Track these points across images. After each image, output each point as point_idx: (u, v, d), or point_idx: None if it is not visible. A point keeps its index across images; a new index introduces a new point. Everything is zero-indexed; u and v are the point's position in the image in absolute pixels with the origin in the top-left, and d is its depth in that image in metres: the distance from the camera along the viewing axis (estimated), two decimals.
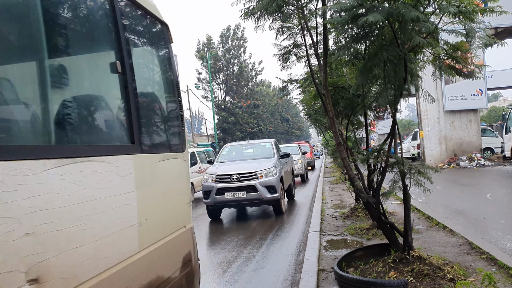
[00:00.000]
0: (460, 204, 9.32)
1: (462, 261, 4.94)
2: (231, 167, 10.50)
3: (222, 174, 10.03)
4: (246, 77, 57.11)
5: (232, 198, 9.71)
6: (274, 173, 10.01)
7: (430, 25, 3.91)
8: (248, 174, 9.89)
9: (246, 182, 9.75)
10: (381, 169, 5.08)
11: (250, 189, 9.71)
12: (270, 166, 10.19)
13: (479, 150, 20.68)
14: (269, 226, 9.17)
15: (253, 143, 12.95)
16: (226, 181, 9.86)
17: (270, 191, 9.76)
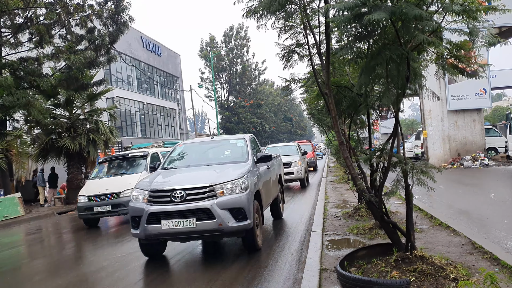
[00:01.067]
0: (463, 204, 9.29)
1: (465, 261, 4.92)
2: (176, 177, 7.09)
3: (159, 189, 6.42)
4: (249, 77, 57.15)
5: (172, 230, 6.10)
6: (243, 187, 6.42)
7: (433, 23, 3.89)
8: (200, 190, 6.25)
9: (195, 203, 6.15)
10: (384, 169, 5.06)
11: (202, 215, 6.09)
12: (238, 176, 6.53)
13: (483, 149, 20.61)
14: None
15: (219, 140, 9.03)
16: (164, 201, 6.26)
17: (237, 217, 6.21)
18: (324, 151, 58.05)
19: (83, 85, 18.34)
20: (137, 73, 39.85)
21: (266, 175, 8.16)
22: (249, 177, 6.73)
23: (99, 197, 11.41)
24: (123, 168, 13.03)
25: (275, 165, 9.69)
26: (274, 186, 9.13)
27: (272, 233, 8.37)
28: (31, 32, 16.67)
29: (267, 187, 8.09)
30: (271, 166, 8.96)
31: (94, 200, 11.42)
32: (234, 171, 6.76)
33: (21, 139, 17.96)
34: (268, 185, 8.34)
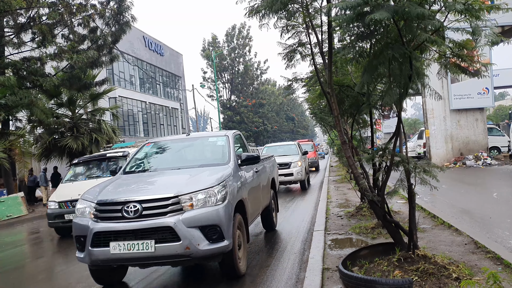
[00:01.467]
0: (466, 203, 9.28)
1: (467, 260, 4.91)
2: (134, 184, 5.60)
3: (107, 201, 4.98)
4: (251, 76, 57.15)
5: (124, 255, 4.72)
6: (219, 198, 5.00)
7: (436, 22, 3.89)
8: (161, 202, 4.80)
9: (154, 219, 4.72)
10: (386, 168, 5.06)
11: (163, 236, 4.68)
12: (213, 183, 5.09)
13: (486, 149, 20.57)
14: None
15: (196, 138, 7.43)
16: (114, 218, 4.85)
17: (210, 237, 4.80)
18: (326, 151, 57.92)
19: (86, 85, 18.38)
20: (140, 73, 39.90)
21: (253, 180, 6.74)
22: (229, 184, 5.32)
23: (71, 203, 9.93)
24: (100, 170, 11.59)
25: (267, 168, 8.24)
26: (264, 192, 7.65)
27: (264, 240, 8.35)
28: (33, 32, 16.70)
29: (254, 194, 6.69)
30: (261, 169, 7.57)
31: (65, 206, 10.09)
32: (209, 176, 5.33)
33: (24, 139, 18.03)
34: (257, 193, 6.91)
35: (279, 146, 18.75)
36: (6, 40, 16.32)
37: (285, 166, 15.16)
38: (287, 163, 15.32)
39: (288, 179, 15.32)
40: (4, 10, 14.83)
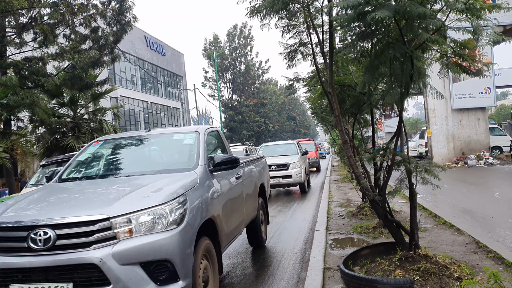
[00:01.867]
0: (468, 203, 9.27)
1: (469, 260, 4.91)
2: (53, 200, 4.17)
3: (7, 224, 3.52)
4: (252, 76, 57.13)
5: None
6: (173, 219, 3.57)
7: (437, 21, 3.88)
8: (83, 228, 3.36)
9: (73, 253, 3.31)
10: (388, 168, 5.06)
11: (85, 276, 3.29)
12: (164, 200, 3.63)
13: (487, 148, 20.54)
14: None
15: (157, 135, 5.85)
16: (17, 249, 3.43)
17: (157, 278, 3.39)
18: (327, 150, 57.87)
19: (87, 85, 18.39)
20: (141, 73, 39.94)
21: (232, 190, 5.35)
22: (190, 199, 3.87)
23: None
24: None
25: (253, 172, 6.82)
26: (249, 203, 6.23)
27: (277, 233, 8.35)
28: (35, 31, 16.71)
29: (233, 207, 5.27)
30: (245, 173, 6.21)
31: None
32: (164, 187, 3.92)
33: (26, 139, 18.06)
34: (237, 205, 5.49)
35: (277, 145, 17.69)
36: (8, 40, 16.35)
37: (283, 168, 14.22)
38: (285, 164, 14.23)
39: (286, 181, 14.20)
40: (5, 10, 14.84)
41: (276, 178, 13.89)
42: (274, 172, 13.71)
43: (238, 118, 53.86)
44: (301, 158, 15.13)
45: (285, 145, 17.27)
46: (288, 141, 18.22)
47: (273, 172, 13.41)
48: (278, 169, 13.99)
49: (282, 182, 14.34)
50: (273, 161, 13.88)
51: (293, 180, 14.17)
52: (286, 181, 14.26)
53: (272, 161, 13.41)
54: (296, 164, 14.33)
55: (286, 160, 14.45)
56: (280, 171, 14.13)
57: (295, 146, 16.46)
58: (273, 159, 14.13)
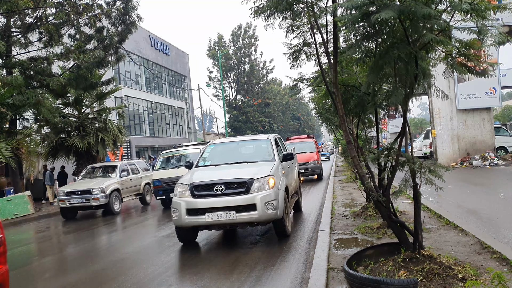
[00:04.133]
0: (472, 204, 9.23)
1: (473, 261, 4.90)
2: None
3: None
4: (257, 76, 57.18)
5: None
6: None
7: (442, 22, 3.88)
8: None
9: None
10: (392, 168, 5.05)
11: None
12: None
13: (492, 149, 20.44)
14: None
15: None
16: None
17: None
18: (331, 150, 57.51)
19: (92, 84, 18.46)
20: (146, 72, 40.03)
21: None
22: None
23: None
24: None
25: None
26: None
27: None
28: (40, 31, 16.80)
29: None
30: None
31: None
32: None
33: (31, 138, 18.14)
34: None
35: (234, 143, 9.82)
36: (14, 40, 16.43)
37: (236, 190, 7.17)
38: (242, 182, 7.21)
39: (242, 219, 7.05)
40: (11, 10, 14.93)
41: (220, 213, 7.00)
42: (218, 199, 7.11)
43: (242, 118, 53.91)
44: (279, 168, 8.05)
45: (251, 143, 9.72)
46: (261, 136, 9.78)
47: (216, 198, 7.12)
48: (224, 194, 7.14)
49: (232, 221, 7.06)
50: (217, 176, 7.53)
51: (258, 216, 7.01)
52: (242, 219, 7.05)
53: (213, 177, 7.48)
54: (266, 182, 7.24)
55: (243, 174, 7.42)
56: (228, 198, 7.12)
57: (269, 145, 8.99)
58: (218, 173, 7.85)
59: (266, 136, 9.57)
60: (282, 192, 7.53)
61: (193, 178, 7.54)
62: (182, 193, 7.33)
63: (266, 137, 9.46)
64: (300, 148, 19.74)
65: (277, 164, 8.12)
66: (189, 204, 7.17)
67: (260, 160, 8.53)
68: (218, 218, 7.01)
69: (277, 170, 7.84)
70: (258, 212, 7.02)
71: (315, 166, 19.35)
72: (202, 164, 8.78)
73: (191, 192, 7.22)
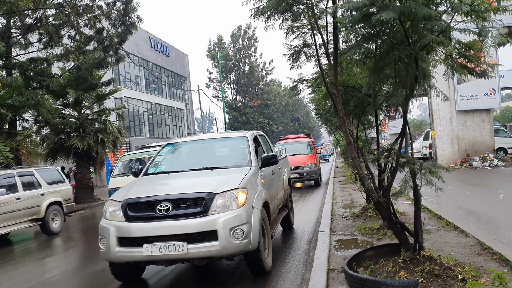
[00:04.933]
0: (472, 205, 9.23)
1: (473, 262, 4.90)
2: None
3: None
4: (256, 77, 57.17)
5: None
6: None
7: (442, 23, 3.88)
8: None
9: None
10: (392, 169, 5.06)
11: None
12: None
13: (492, 150, 20.44)
14: None
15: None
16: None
17: None
18: (331, 151, 57.39)
19: (92, 85, 18.46)
20: (145, 73, 40.05)
21: None
22: None
23: None
24: None
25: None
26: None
27: (280, 234, 8.32)
28: (40, 32, 16.78)
29: None
30: None
31: None
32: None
33: (31, 139, 18.12)
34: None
35: (199, 143, 7.37)
36: (13, 41, 16.43)
37: (185, 209, 5.06)
38: (188, 199, 5.11)
39: (195, 253, 4.94)
40: (11, 11, 14.92)
41: (165, 245, 4.99)
42: (162, 223, 5.20)
43: (242, 119, 53.90)
44: (257, 177, 5.99)
45: (219, 142, 7.44)
46: (231, 134, 7.93)
47: (159, 223, 5.18)
48: (172, 216, 5.13)
49: (182, 256, 5.03)
50: (163, 190, 5.59)
51: (220, 248, 4.94)
52: (197, 253, 5.01)
53: (158, 192, 5.50)
54: (233, 198, 5.15)
55: (202, 187, 5.33)
56: (176, 222, 5.12)
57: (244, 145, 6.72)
58: (166, 185, 5.91)
59: (242, 133, 7.24)
60: (258, 212, 5.25)
61: (129, 193, 5.39)
62: (113, 214, 5.25)
63: (242, 134, 7.10)
64: (294, 150, 17.73)
65: (254, 171, 5.94)
66: (120, 230, 5.04)
67: (231, 165, 6.25)
68: (161, 252, 4.87)
69: (252, 180, 5.64)
70: (221, 242, 4.84)
71: (312, 170, 16.85)
72: (153, 171, 6.54)
73: (124, 213, 5.10)
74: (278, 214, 7.43)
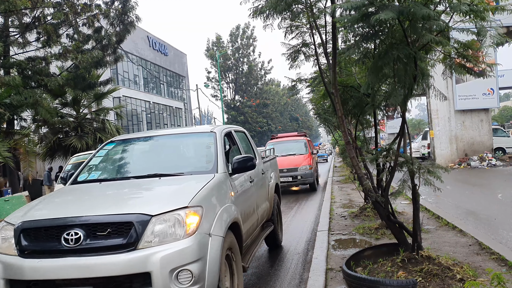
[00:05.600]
0: (471, 204, 9.24)
1: (471, 262, 4.90)
2: None
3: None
4: (255, 76, 57.17)
5: None
6: None
7: (441, 22, 3.88)
8: None
9: None
10: (390, 169, 5.06)
11: None
12: None
13: (491, 150, 20.48)
14: None
15: None
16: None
17: None
18: (329, 151, 57.27)
19: (90, 85, 18.43)
20: (144, 73, 40.00)
21: None
22: None
23: None
24: None
25: None
26: None
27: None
28: (38, 31, 16.75)
29: None
30: None
31: None
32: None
33: (29, 138, 18.09)
34: None
35: (151, 141, 5.68)
36: (11, 40, 16.39)
37: (104, 240, 3.38)
38: (110, 224, 3.41)
39: None
40: (9, 10, 14.89)
41: None
42: (68, 260, 3.34)
43: (240, 118, 53.87)
44: (222, 187, 4.32)
45: (177, 139, 5.58)
46: (196, 129, 6.29)
47: (63, 260, 3.35)
48: (83, 250, 3.34)
49: None
50: (77, 210, 3.77)
51: None
52: None
53: (68, 212, 3.75)
54: (178, 222, 3.45)
55: (133, 206, 3.69)
56: (89, 260, 3.31)
57: (210, 144, 5.01)
58: (86, 201, 4.18)
59: (209, 127, 5.53)
60: (219, 241, 3.61)
61: (29, 212, 3.78)
62: (4, 243, 3.57)
63: (209, 129, 5.36)
64: (287, 149, 16.01)
65: (220, 180, 4.31)
66: (9, 269, 3.40)
67: (189, 171, 4.60)
68: None
69: (213, 193, 4.02)
70: None
71: (307, 173, 14.78)
72: (84, 178, 4.84)
73: (17, 243, 3.45)
74: (260, 231, 5.81)
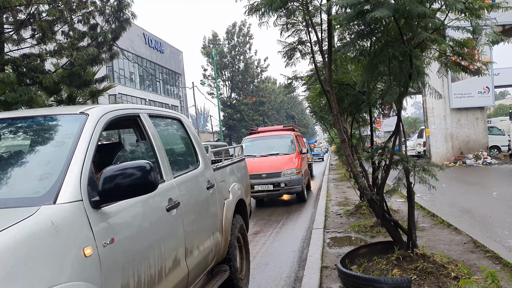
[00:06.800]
0: (466, 203, 9.27)
1: (466, 260, 4.91)
2: None
3: None
4: (251, 74, 57.08)
5: None
6: None
7: (437, 21, 3.88)
8: None
9: None
10: (386, 167, 5.06)
11: None
12: None
13: (486, 148, 20.55)
14: None
15: None
16: None
17: None
18: (326, 149, 57.17)
19: (86, 82, 18.32)
20: (140, 70, 39.87)
21: None
22: None
23: None
24: None
25: None
26: None
27: (271, 232, 8.32)
28: (33, 28, 16.64)
29: None
30: None
31: None
32: None
33: None
34: None
35: None
36: (6, 37, 16.28)
37: None
38: None
39: None
40: (3, 7, 14.79)
41: None
42: None
43: (237, 116, 53.81)
44: None
45: None
46: None
47: None
48: None
49: None
50: None
51: None
52: None
53: None
54: None
55: None
56: None
57: None
58: None
59: (80, 108, 2.81)
60: None
61: None
62: None
63: (78, 110, 2.78)
64: (268, 148, 12.38)
65: (47, 226, 1.94)
66: None
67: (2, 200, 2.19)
68: None
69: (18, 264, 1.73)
70: None
71: (293, 179, 10.98)
72: None
73: None
74: (206, 278, 3.91)
